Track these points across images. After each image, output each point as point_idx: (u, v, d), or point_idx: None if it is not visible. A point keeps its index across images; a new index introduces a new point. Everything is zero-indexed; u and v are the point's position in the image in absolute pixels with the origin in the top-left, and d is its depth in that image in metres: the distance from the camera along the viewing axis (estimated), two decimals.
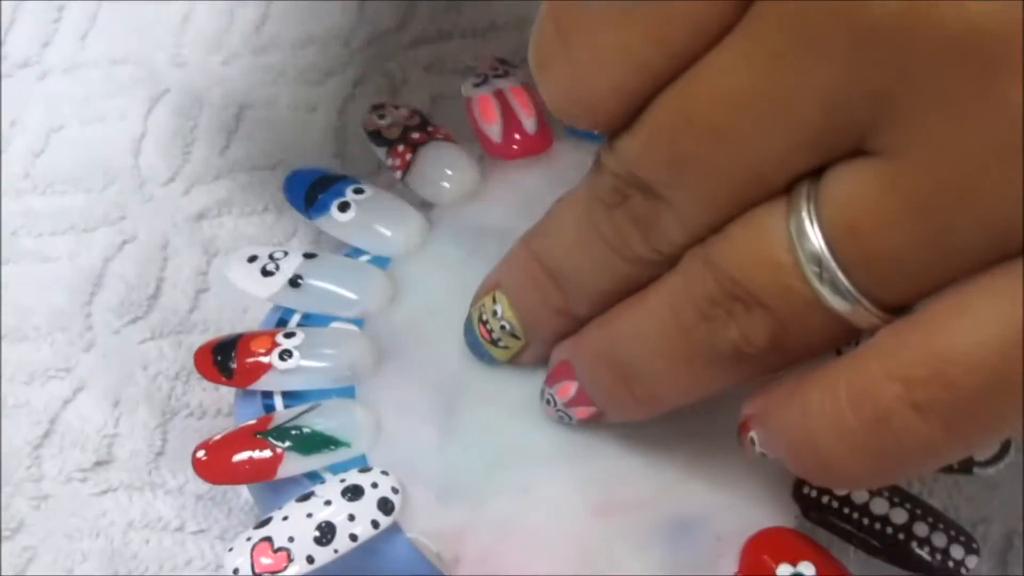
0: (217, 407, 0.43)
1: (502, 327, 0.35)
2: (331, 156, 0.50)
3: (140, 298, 0.45)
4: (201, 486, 0.40)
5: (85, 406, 0.42)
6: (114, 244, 0.47)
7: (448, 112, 0.49)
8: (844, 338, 0.28)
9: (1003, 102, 0.24)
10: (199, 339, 0.43)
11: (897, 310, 0.27)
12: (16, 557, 0.39)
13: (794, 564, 0.33)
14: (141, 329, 0.45)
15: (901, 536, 0.35)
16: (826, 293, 0.27)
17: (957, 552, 0.35)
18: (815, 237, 0.27)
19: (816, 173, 0.27)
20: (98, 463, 0.41)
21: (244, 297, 0.39)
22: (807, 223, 0.27)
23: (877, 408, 0.27)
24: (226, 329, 0.44)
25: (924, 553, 0.35)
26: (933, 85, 0.25)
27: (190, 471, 0.38)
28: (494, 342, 0.36)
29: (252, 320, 0.45)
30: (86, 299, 0.45)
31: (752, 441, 0.31)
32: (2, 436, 0.41)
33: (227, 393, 0.42)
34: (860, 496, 0.35)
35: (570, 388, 0.34)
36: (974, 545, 0.35)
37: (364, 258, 0.40)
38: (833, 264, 0.27)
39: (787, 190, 0.28)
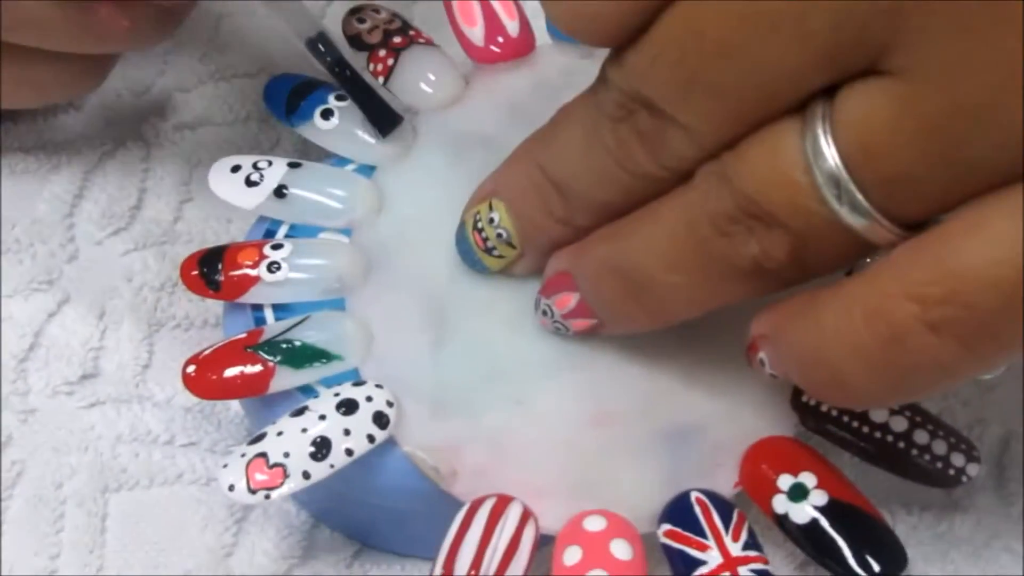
0: (204, 318, 0.42)
1: (498, 235, 0.34)
2: (309, 63, 0.48)
3: (122, 209, 0.44)
4: (189, 399, 0.39)
5: (69, 319, 0.41)
6: (94, 155, 0.45)
7: (428, 14, 0.47)
8: (862, 253, 0.28)
9: (1017, 21, 0.24)
10: (183, 250, 0.42)
11: (913, 227, 0.27)
12: (5, 472, 0.38)
13: (795, 474, 0.33)
14: (124, 240, 0.43)
15: (901, 444, 0.35)
16: (843, 212, 0.27)
17: (958, 460, 0.35)
18: (831, 156, 0.27)
19: (830, 91, 0.27)
20: (84, 376, 0.40)
21: (229, 207, 0.38)
22: (823, 142, 0.27)
23: (892, 327, 0.26)
24: (211, 240, 0.43)
25: (924, 461, 0.35)
26: (947, 3, 0.25)
27: (178, 384, 0.38)
28: (488, 250, 0.35)
29: (237, 231, 0.43)
30: (67, 210, 0.43)
31: (762, 362, 0.31)
32: None
33: (214, 305, 0.41)
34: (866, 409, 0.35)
35: (570, 299, 0.33)
36: (975, 453, 0.35)
37: (349, 167, 0.39)
38: (849, 183, 0.27)
39: (801, 108, 0.27)
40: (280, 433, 0.32)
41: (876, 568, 0.31)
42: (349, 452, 0.32)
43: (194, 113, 0.47)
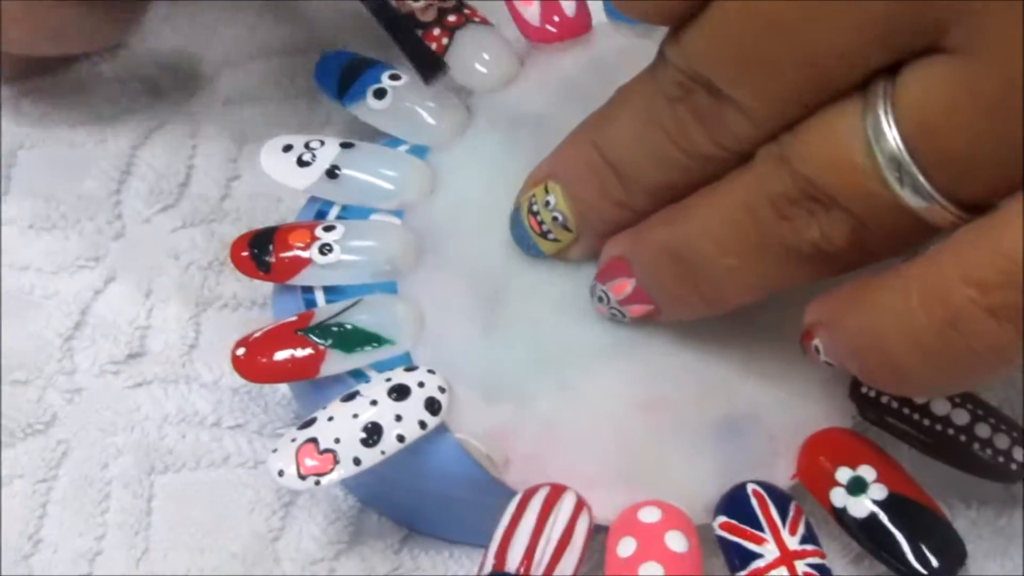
0: (252, 298, 0.41)
1: (554, 218, 0.34)
2: (363, 39, 0.48)
3: (170, 186, 0.44)
4: (237, 380, 0.38)
5: (116, 297, 0.41)
6: (141, 131, 0.45)
7: None
8: (923, 236, 0.28)
9: None
10: (231, 228, 0.42)
11: (975, 209, 0.27)
12: (50, 451, 0.37)
13: (854, 468, 0.33)
14: (172, 218, 0.43)
15: (962, 438, 0.34)
16: (905, 194, 0.27)
17: (1019, 454, 0.34)
18: (892, 138, 0.26)
19: (892, 71, 0.27)
20: (131, 355, 0.40)
21: (277, 185, 0.38)
22: (884, 124, 0.26)
23: (949, 310, 0.26)
24: (259, 218, 0.43)
25: (985, 455, 0.34)
26: None
27: (225, 364, 0.38)
28: (543, 234, 0.34)
29: (286, 210, 0.43)
30: (115, 187, 0.43)
31: (817, 350, 0.31)
32: (31, 328, 0.40)
33: (261, 284, 0.41)
34: (922, 397, 0.34)
35: (627, 285, 0.33)
36: None
37: (402, 148, 0.38)
38: (911, 164, 0.26)
39: (862, 88, 0.27)
40: (331, 418, 0.32)
41: (935, 563, 0.31)
42: (400, 438, 0.32)
43: (243, 89, 0.47)
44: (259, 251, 0.35)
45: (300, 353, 0.33)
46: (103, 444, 0.38)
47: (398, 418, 0.32)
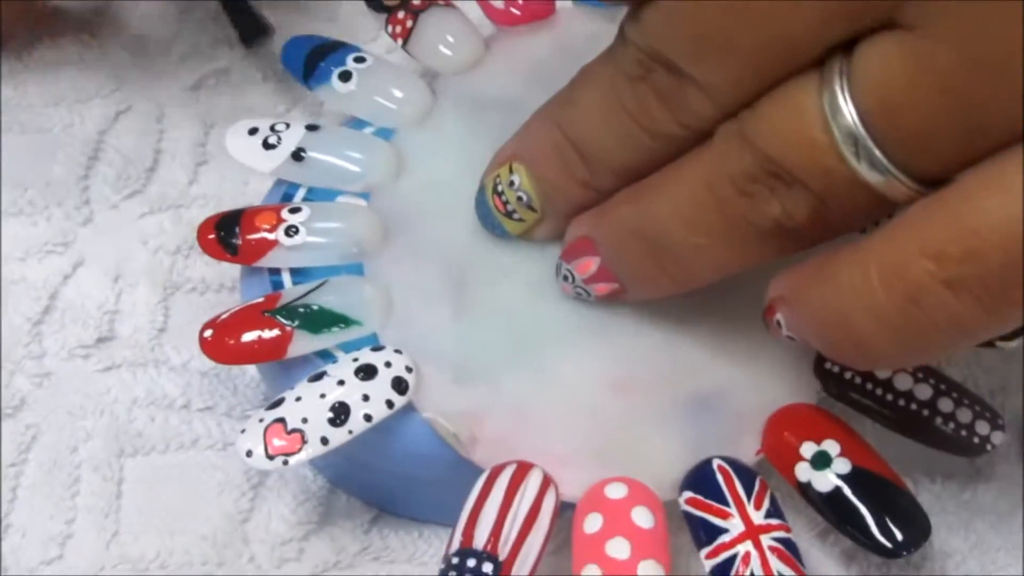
0: (220, 282, 0.41)
1: (519, 198, 0.34)
2: (324, 20, 0.48)
3: (137, 171, 0.44)
4: (205, 363, 0.39)
5: (85, 282, 0.41)
6: (108, 115, 0.45)
7: None
8: (882, 211, 0.28)
9: None
10: (199, 213, 0.42)
11: (932, 183, 0.27)
12: (20, 435, 0.37)
13: (818, 442, 0.33)
14: (140, 203, 0.43)
15: (926, 412, 0.34)
16: (862, 169, 0.27)
17: (982, 428, 0.35)
18: (849, 113, 0.27)
19: (848, 47, 0.27)
20: (100, 339, 0.40)
21: (245, 170, 0.38)
22: (840, 99, 0.27)
23: (909, 285, 0.26)
24: (227, 203, 0.43)
25: (948, 429, 0.34)
26: None
27: (194, 347, 0.37)
28: (508, 214, 0.35)
29: (254, 193, 0.43)
30: (82, 172, 0.43)
31: (779, 324, 0.31)
32: (1, 313, 0.40)
33: (230, 268, 0.41)
34: (883, 372, 0.34)
35: (591, 264, 0.33)
36: (999, 421, 0.35)
37: (368, 130, 0.39)
38: (867, 139, 0.27)
39: (819, 64, 0.27)
40: (298, 399, 0.32)
41: (899, 536, 0.31)
42: (368, 418, 0.32)
43: (209, 73, 0.47)
44: (226, 233, 0.36)
45: (267, 334, 0.33)
46: (72, 428, 0.38)
47: (365, 398, 0.32)
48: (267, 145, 0.37)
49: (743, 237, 0.30)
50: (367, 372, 0.33)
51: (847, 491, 0.32)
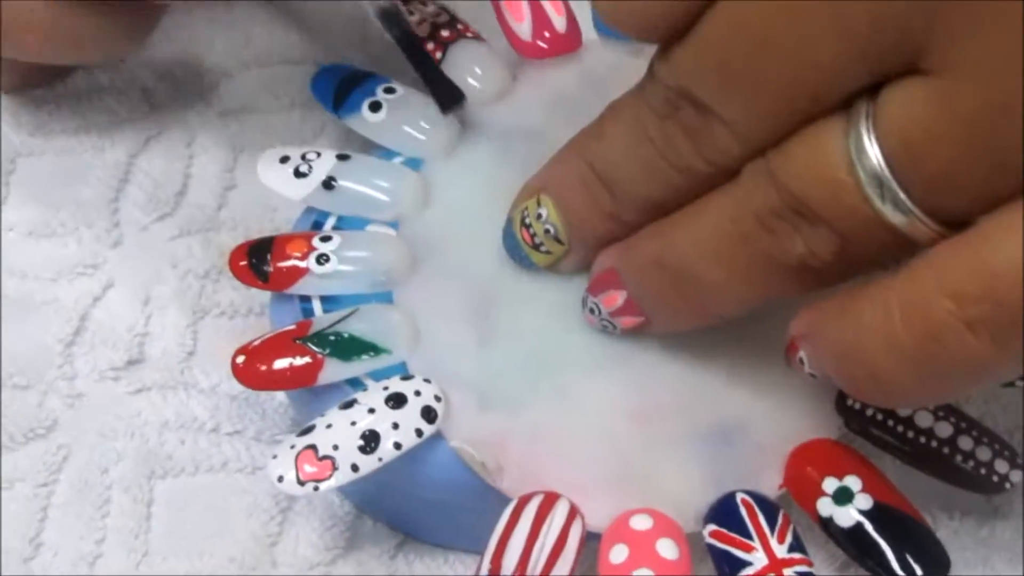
0: (248, 306, 0.42)
1: (546, 231, 0.35)
2: (355, 51, 0.49)
3: (167, 195, 0.44)
4: (234, 386, 0.39)
5: (115, 304, 0.42)
6: (139, 140, 0.46)
7: (470, 7, 0.47)
8: (906, 251, 0.28)
9: None
10: (228, 237, 0.43)
11: (955, 225, 0.27)
12: (51, 456, 0.38)
13: (840, 477, 0.33)
14: (169, 226, 0.44)
15: (946, 449, 0.35)
16: (886, 210, 0.27)
17: (1001, 466, 0.35)
18: (874, 155, 0.27)
19: (875, 89, 0.27)
20: (130, 362, 0.40)
21: (273, 195, 0.38)
22: (866, 141, 0.27)
23: (929, 324, 0.27)
24: (255, 228, 0.44)
25: (968, 467, 0.35)
26: (984, 1, 0.25)
27: (223, 371, 0.39)
28: (536, 246, 0.35)
29: (281, 219, 0.44)
30: (112, 195, 0.44)
31: (801, 361, 0.31)
32: (31, 333, 0.41)
33: (259, 293, 0.41)
34: (904, 409, 0.35)
35: (617, 297, 0.34)
36: (1018, 460, 0.35)
37: (397, 159, 0.39)
38: (892, 181, 0.27)
39: (846, 106, 0.28)
40: (329, 426, 0.33)
41: (919, 572, 0.32)
42: (397, 446, 0.33)
43: (239, 99, 0.47)
44: (257, 260, 0.36)
45: (299, 361, 0.34)
46: (103, 449, 0.38)
47: (395, 426, 0.33)
48: (298, 173, 0.38)
49: (766, 272, 0.30)
50: (397, 401, 0.33)
51: (868, 527, 0.32)
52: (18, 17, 0.39)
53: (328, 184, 0.38)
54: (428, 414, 0.33)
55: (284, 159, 0.38)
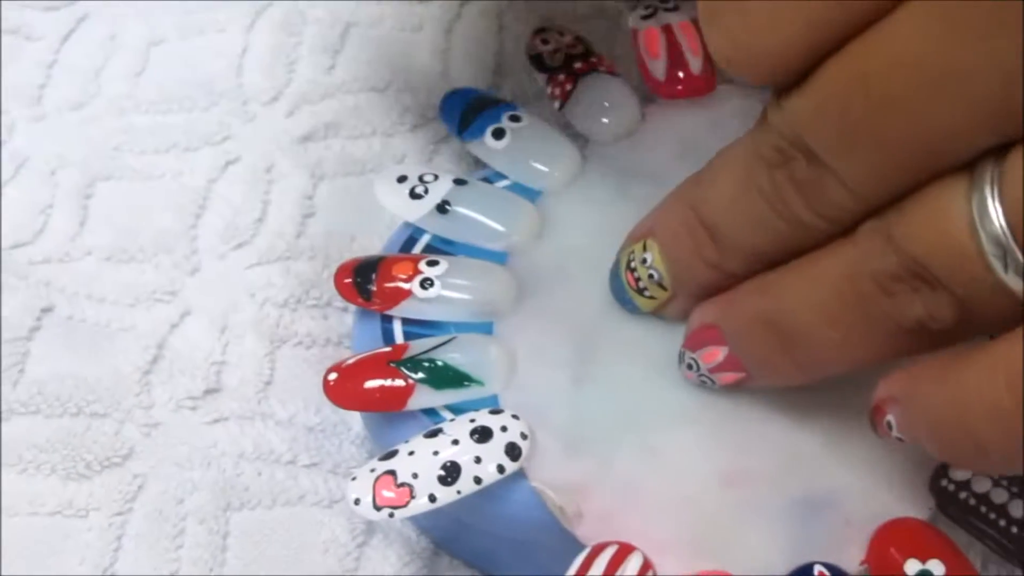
0: (326, 336, 0.43)
1: (650, 276, 0.35)
2: (438, 77, 0.50)
3: (246, 222, 0.46)
4: (311, 417, 0.40)
5: (192, 332, 0.43)
6: (218, 165, 0.47)
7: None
8: None
9: None
10: (306, 266, 0.44)
11: None
12: (126, 484, 0.39)
13: (923, 561, 0.33)
14: (248, 254, 0.45)
15: None
16: (1008, 278, 0.27)
17: None
18: (997, 220, 0.27)
19: (1001, 151, 0.27)
20: (207, 391, 0.42)
21: (352, 223, 0.40)
22: (990, 204, 0.27)
23: None
24: (334, 256, 0.45)
25: None
26: None
27: (300, 402, 0.40)
28: (640, 291, 0.36)
29: (359, 248, 0.45)
30: (191, 221, 0.45)
31: (889, 425, 0.31)
32: (109, 360, 0.42)
33: (336, 323, 0.43)
34: (999, 496, 0.35)
35: (718, 353, 0.34)
36: None
37: (502, 183, 0.41)
38: (1016, 248, 0.27)
39: (969, 167, 0.28)
40: (412, 453, 0.34)
41: None
42: (478, 480, 0.33)
43: (319, 125, 0.49)
44: (362, 280, 0.37)
45: (390, 384, 0.35)
46: (179, 479, 0.39)
47: (477, 460, 0.34)
48: (414, 195, 0.39)
49: (881, 334, 0.30)
50: (482, 434, 0.34)
51: None
52: None
53: (442, 208, 0.39)
54: (512, 451, 0.34)
55: (402, 179, 0.40)
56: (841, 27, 0.28)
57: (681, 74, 0.42)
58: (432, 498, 0.33)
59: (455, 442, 0.34)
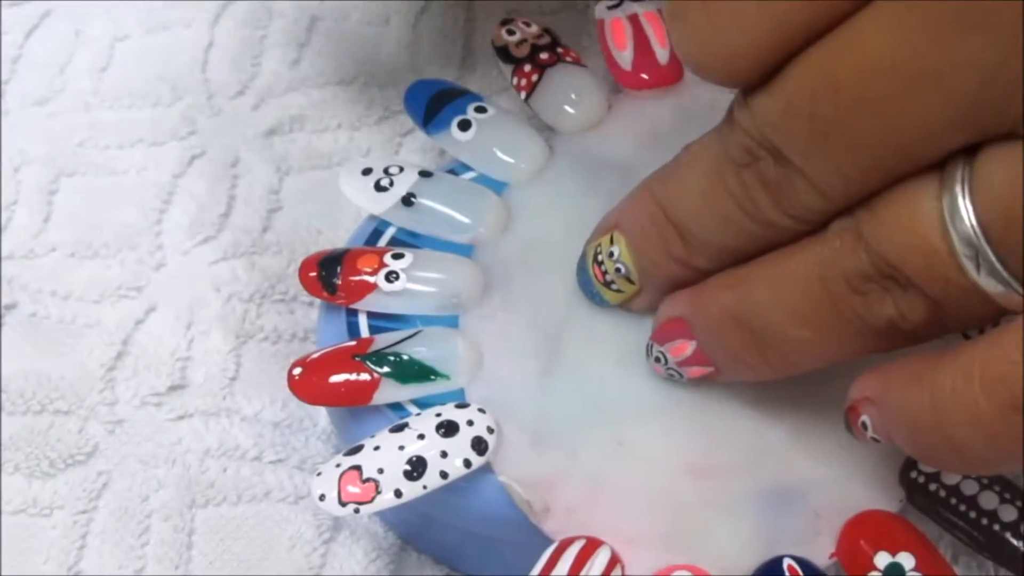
0: (293, 331, 0.43)
1: (617, 269, 0.36)
2: (405, 70, 0.50)
3: (211, 217, 0.46)
4: (277, 413, 0.41)
5: (157, 328, 0.43)
6: (183, 160, 0.47)
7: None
8: (997, 317, 0.29)
9: None
10: (272, 261, 0.44)
11: None
12: (91, 482, 0.40)
13: (893, 553, 0.33)
14: (213, 249, 0.45)
15: (1008, 534, 0.35)
16: (980, 278, 0.28)
17: None
18: (968, 220, 0.27)
19: (971, 151, 0.27)
20: (172, 387, 0.42)
21: (319, 217, 0.40)
22: (961, 206, 0.27)
23: (1012, 393, 0.27)
24: (300, 251, 0.45)
25: None
26: None
27: (266, 397, 0.40)
28: (607, 284, 0.36)
29: (326, 242, 0.45)
30: (156, 216, 0.45)
31: (864, 425, 0.31)
32: (73, 357, 0.42)
33: (303, 318, 0.43)
34: (969, 488, 0.35)
35: (686, 347, 0.34)
36: None
37: (467, 175, 0.41)
38: (987, 249, 0.27)
39: (940, 166, 0.28)
40: (377, 448, 0.34)
41: None
42: (444, 475, 0.34)
43: (285, 119, 0.49)
44: (327, 273, 0.37)
45: (355, 378, 0.35)
46: (144, 476, 0.40)
47: (443, 454, 0.34)
48: (379, 187, 0.39)
49: (852, 333, 0.31)
50: (448, 429, 0.34)
51: None
52: None
53: (408, 200, 0.39)
54: (479, 445, 0.34)
55: (367, 171, 0.40)
56: (808, 27, 0.28)
57: (648, 64, 0.43)
58: (398, 493, 0.33)
59: (421, 436, 0.34)
